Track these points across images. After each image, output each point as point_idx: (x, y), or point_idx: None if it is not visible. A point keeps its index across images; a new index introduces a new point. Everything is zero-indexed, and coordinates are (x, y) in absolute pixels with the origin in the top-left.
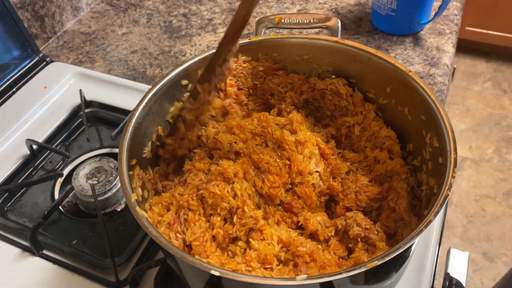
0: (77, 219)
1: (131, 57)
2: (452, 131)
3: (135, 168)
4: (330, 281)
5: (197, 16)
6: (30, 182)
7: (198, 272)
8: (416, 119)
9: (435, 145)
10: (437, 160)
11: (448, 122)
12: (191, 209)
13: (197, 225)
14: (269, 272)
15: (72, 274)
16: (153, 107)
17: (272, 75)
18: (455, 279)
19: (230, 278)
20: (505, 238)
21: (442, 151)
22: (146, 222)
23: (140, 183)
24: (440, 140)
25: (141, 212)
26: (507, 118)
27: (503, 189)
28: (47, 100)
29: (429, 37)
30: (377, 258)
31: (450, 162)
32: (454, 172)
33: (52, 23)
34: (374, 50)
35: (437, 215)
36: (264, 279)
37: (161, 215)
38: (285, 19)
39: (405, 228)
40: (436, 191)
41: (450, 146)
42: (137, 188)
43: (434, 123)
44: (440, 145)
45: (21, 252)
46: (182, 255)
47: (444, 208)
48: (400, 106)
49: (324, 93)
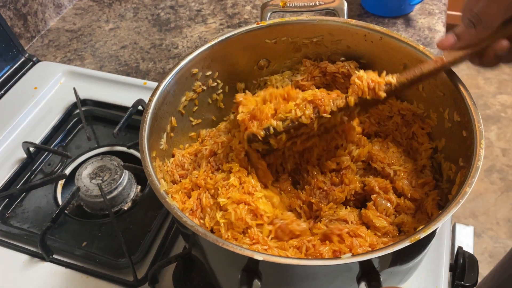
0: (83, 221)
1: (121, 52)
2: (474, 104)
3: (156, 159)
4: (371, 259)
5: (184, 7)
6: (32, 186)
7: (235, 258)
8: (432, 95)
9: (456, 119)
10: (460, 134)
11: (469, 96)
12: (208, 188)
13: (213, 209)
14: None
15: (87, 277)
16: (167, 97)
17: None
18: (468, 253)
19: (274, 262)
20: (489, 213)
21: (466, 124)
22: (179, 212)
23: (161, 175)
24: (461, 113)
25: (172, 203)
26: (483, 97)
27: (484, 166)
28: (39, 101)
29: (420, 18)
30: (418, 232)
31: (476, 133)
32: (482, 143)
33: (35, 22)
34: (385, 29)
35: (471, 187)
36: (307, 261)
37: (183, 202)
38: (290, 2)
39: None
40: (463, 164)
41: (474, 118)
42: (161, 179)
43: (453, 97)
44: (463, 119)
45: (30, 259)
46: (223, 242)
47: None
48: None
49: (336, 77)
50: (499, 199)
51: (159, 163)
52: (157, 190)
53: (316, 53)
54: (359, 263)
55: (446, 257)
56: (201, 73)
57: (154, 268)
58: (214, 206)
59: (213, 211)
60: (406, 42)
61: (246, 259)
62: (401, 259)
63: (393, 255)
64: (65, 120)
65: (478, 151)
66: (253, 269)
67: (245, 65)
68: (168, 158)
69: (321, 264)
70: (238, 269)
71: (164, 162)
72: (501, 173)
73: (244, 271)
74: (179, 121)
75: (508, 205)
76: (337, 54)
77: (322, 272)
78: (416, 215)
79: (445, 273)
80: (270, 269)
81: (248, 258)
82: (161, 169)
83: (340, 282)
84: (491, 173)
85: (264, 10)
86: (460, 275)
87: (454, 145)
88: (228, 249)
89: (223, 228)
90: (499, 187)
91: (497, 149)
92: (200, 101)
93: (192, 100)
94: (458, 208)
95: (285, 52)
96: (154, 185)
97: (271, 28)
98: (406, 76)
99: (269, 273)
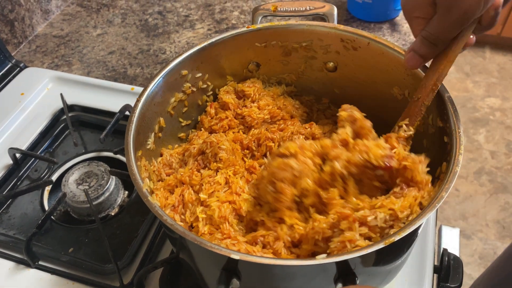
0: (70, 227)
1: (109, 58)
2: (456, 110)
3: (141, 159)
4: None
5: (172, 13)
6: (18, 192)
7: (215, 258)
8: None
9: (439, 125)
10: (442, 139)
11: (451, 102)
12: (192, 184)
13: (194, 204)
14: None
15: (73, 283)
16: (155, 97)
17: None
18: (453, 255)
19: (251, 261)
20: (479, 215)
21: (447, 130)
22: (160, 211)
23: (147, 175)
24: (443, 119)
25: (153, 202)
26: (472, 100)
27: (474, 168)
28: (26, 107)
29: (405, 22)
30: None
31: (456, 139)
32: (461, 149)
33: (23, 27)
34: (373, 35)
35: (448, 191)
36: (284, 261)
37: (165, 198)
38: (281, 7)
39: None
40: (444, 170)
41: (455, 124)
42: (145, 178)
43: (437, 103)
44: (444, 125)
45: (16, 265)
46: (201, 241)
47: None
48: (397, 89)
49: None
50: (488, 201)
51: (145, 162)
52: (139, 188)
53: (304, 57)
54: (335, 263)
55: (430, 259)
56: (191, 74)
57: (140, 274)
58: (196, 201)
59: (194, 207)
60: (393, 48)
61: (226, 259)
62: (379, 261)
63: (369, 256)
64: (52, 125)
65: (457, 156)
66: (233, 268)
67: (235, 68)
68: (155, 158)
69: (296, 264)
70: (219, 269)
71: (151, 162)
72: (490, 175)
73: (223, 270)
74: (168, 121)
75: (497, 207)
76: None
77: (300, 272)
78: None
79: (428, 275)
80: (248, 268)
81: (226, 258)
82: (146, 168)
83: (318, 282)
84: (480, 176)
85: (255, 14)
86: (445, 277)
87: (437, 150)
88: (205, 248)
89: (201, 223)
90: (488, 189)
91: (486, 151)
92: (189, 102)
93: (182, 101)
94: (434, 212)
95: (275, 56)
96: (136, 183)
97: (261, 32)
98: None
99: (248, 273)
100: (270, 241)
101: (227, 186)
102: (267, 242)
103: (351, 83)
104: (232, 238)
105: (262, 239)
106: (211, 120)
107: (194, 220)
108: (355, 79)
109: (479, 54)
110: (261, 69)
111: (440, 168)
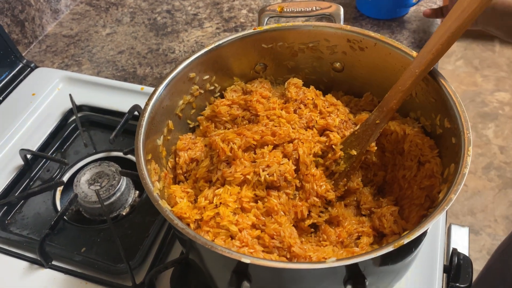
0: (82, 227)
1: (118, 57)
2: (463, 111)
3: (151, 162)
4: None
5: (181, 11)
6: (30, 193)
7: (225, 261)
8: (424, 102)
9: (446, 126)
10: (450, 140)
11: (459, 103)
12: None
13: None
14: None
15: (86, 283)
16: (163, 101)
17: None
18: (462, 254)
19: (261, 264)
20: (487, 211)
21: (455, 131)
22: (170, 215)
23: (156, 178)
24: (451, 120)
25: (164, 205)
26: (481, 94)
27: (482, 164)
28: (37, 107)
29: (415, 20)
30: (402, 238)
31: (464, 141)
32: (469, 150)
33: (33, 28)
34: (379, 35)
35: (457, 193)
36: (294, 264)
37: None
38: (287, 8)
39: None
40: (452, 171)
41: (463, 126)
42: (155, 182)
43: (444, 104)
44: (452, 126)
45: (30, 265)
46: (211, 245)
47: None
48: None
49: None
50: (497, 196)
51: (155, 165)
52: (149, 192)
53: (312, 57)
54: (345, 266)
55: (440, 259)
56: (198, 77)
57: (151, 274)
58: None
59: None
60: (400, 48)
61: (236, 262)
62: (388, 262)
63: (378, 259)
64: (63, 126)
65: (465, 158)
66: (243, 271)
67: (242, 69)
68: (165, 161)
69: (306, 268)
70: (230, 271)
71: (161, 165)
72: (499, 171)
73: (234, 273)
74: (176, 124)
75: (506, 202)
76: (334, 60)
77: (309, 275)
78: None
79: (439, 275)
80: (259, 271)
81: (237, 261)
82: (156, 171)
83: (328, 284)
84: (489, 171)
85: (261, 15)
86: (455, 277)
87: (445, 151)
88: (216, 252)
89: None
90: (497, 184)
91: (495, 146)
92: (197, 104)
93: (190, 103)
94: (443, 214)
95: (281, 57)
96: (147, 188)
97: (267, 33)
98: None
99: (259, 276)
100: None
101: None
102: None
103: (358, 83)
104: (250, 246)
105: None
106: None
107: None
108: (362, 80)
109: (489, 47)
110: (268, 70)
111: (448, 169)
